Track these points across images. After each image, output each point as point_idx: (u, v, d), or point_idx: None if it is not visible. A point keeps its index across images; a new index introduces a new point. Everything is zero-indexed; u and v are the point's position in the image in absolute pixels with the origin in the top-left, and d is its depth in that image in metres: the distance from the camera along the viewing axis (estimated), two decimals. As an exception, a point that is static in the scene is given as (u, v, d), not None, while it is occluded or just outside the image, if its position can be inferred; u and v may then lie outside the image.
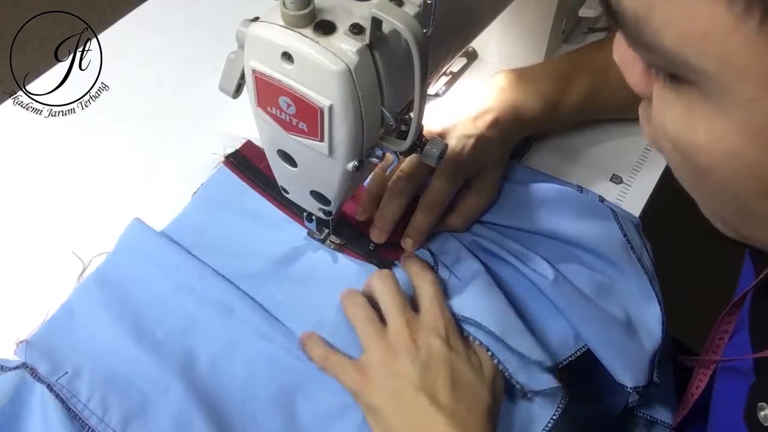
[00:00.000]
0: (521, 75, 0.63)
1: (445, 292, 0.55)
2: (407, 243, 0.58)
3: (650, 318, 0.55)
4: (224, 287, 0.57)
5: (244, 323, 0.55)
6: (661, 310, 0.55)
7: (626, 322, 0.55)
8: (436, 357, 0.49)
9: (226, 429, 0.50)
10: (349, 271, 0.59)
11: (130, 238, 0.60)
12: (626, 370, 0.53)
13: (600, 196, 0.62)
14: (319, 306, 0.56)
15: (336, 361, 0.52)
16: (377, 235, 0.59)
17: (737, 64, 0.23)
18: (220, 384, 0.53)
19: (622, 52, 0.31)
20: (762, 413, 0.44)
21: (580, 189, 0.63)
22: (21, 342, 0.53)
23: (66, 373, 0.52)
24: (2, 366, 0.52)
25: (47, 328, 0.54)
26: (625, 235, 0.57)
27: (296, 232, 0.61)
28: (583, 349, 0.55)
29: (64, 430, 0.49)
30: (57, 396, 0.50)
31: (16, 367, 0.52)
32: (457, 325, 0.52)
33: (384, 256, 0.59)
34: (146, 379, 0.52)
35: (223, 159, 0.65)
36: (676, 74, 0.27)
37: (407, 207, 0.59)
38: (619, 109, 0.65)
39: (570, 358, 0.54)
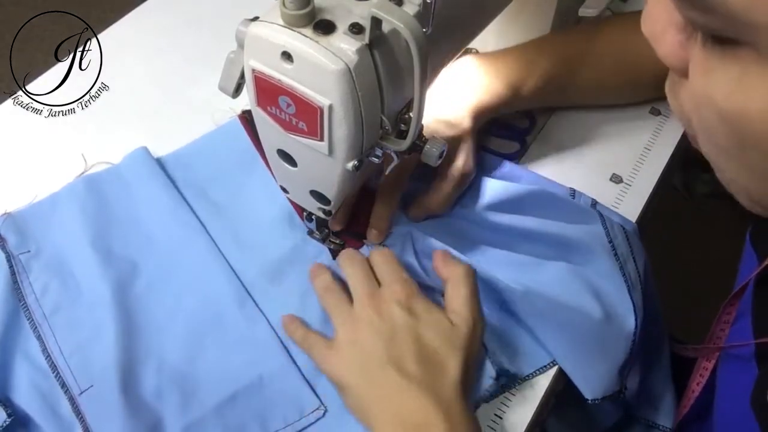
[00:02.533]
0: (485, 59, 0.63)
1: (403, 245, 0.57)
2: (372, 234, 0.59)
3: (627, 326, 0.54)
4: (192, 225, 0.60)
5: (194, 263, 0.58)
6: (635, 319, 0.54)
7: (602, 328, 0.54)
8: (400, 327, 0.50)
9: (132, 347, 0.54)
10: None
11: (132, 158, 0.64)
12: (593, 383, 0.53)
13: (593, 200, 0.62)
14: (299, 287, 0.58)
15: (312, 340, 0.54)
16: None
17: None
18: (147, 307, 0.56)
19: (653, 23, 0.29)
20: None
21: (573, 192, 0.62)
22: (5, 214, 0.60)
23: (29, 251, 0.58)
24: None
25: (30, 209, 0.61)
26: (610, 242, 0.56)
27: (283, 202, 0.62)
28: (554, 365, 0.54)
29: (1, 297, 0.55)
30: (11, 267, 0.56)
31: None
32: (421, 291, 0.53)
33: (349, 245, 0.60)
34: (87, 281, 0.57)
35: (240, 113, 0.67)
36: (729, 37, 0.25)
37: (365, 197, 0.60)
38: (585, 95, 0.66)
39: (537, 374, 0.54)
